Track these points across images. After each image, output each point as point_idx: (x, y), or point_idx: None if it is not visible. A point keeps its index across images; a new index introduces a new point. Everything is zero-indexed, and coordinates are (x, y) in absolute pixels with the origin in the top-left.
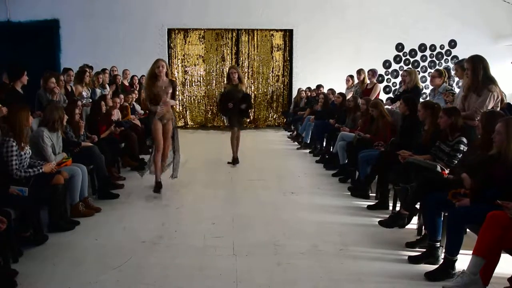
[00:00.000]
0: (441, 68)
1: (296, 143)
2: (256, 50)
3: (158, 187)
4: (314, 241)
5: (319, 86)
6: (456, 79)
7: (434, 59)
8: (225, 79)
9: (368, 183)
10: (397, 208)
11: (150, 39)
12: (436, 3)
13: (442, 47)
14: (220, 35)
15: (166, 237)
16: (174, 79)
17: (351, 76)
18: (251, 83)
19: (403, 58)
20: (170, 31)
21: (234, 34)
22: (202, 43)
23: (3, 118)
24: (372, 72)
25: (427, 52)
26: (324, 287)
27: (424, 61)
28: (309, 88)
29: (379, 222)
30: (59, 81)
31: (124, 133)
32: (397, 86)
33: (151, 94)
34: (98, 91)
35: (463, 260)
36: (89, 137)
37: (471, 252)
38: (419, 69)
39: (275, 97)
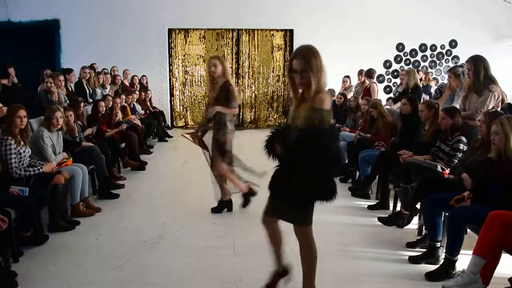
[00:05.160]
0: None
1: None
2: (256, 50)
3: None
4: None
5: None
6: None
7: (434, 59)
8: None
9: (369, 183)
10: (398, 208)
11: (151, 39)
12: (437, 3)
13: (442, 47)
14: (220, 35)
15: (167, 237)
16: (227, 80)
17: (348, 77)
18: (252, 83)
19: (404, 58)
20: (170, 31)
21: (234, 34)
22: (203, 43)
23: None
24: (368, 72)
25: (428, 52)
26: (325, 287)
27: (424, 61)
28: None
29: (379, 218)
30: (57, 81)
31: (124, 133)
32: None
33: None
34: (98, 91)
35: (464, 260)
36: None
37: (471, 252)
38: (419, 69)
39: (275, 97)
